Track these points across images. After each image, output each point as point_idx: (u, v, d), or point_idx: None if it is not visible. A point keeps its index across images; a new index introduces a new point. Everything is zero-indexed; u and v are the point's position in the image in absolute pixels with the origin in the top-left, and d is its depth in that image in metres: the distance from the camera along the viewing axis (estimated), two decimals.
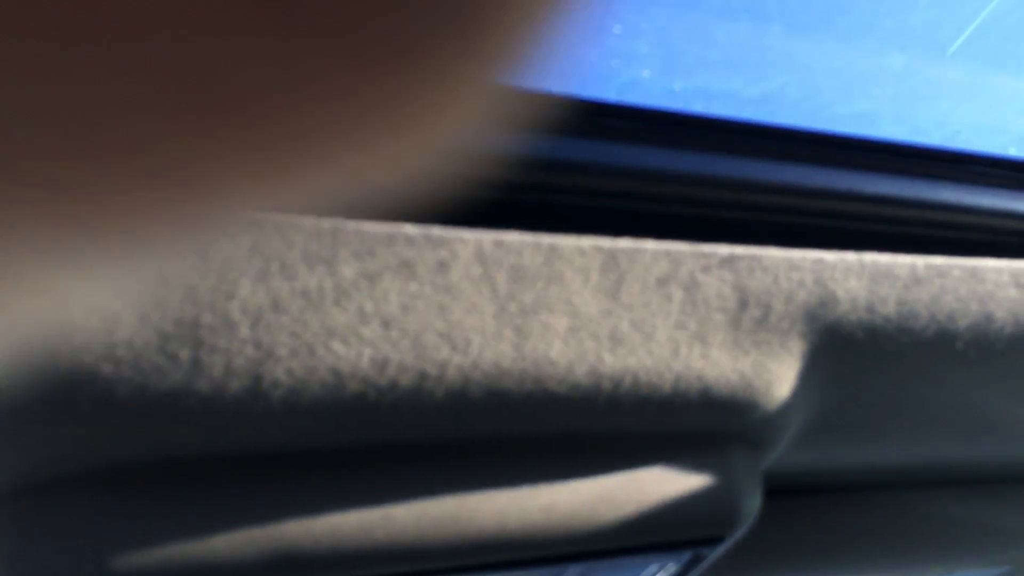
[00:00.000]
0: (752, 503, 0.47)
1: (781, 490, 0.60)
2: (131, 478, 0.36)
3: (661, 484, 0.45)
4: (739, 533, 0.47)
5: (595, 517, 0.43)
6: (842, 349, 0.47)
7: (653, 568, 0.48)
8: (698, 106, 0.47)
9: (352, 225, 0.36)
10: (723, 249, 0.44)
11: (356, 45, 0.07)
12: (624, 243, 0.42)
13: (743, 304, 0.44)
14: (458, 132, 0.09)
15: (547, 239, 0.40)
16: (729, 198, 0.47)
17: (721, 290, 0.44)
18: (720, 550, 0.48)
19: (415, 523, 0.39)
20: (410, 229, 0.37)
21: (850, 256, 0.47)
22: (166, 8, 0.07)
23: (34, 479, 0.36)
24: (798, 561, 0.66)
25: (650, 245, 0.42)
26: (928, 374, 0.51)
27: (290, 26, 0.07)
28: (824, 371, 0.48)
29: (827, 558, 0.66)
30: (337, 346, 0.36)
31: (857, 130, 0.52)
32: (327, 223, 0.36)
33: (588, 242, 0.41)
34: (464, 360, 0.38)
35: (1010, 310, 0.51)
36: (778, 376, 0.45)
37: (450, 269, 0.38)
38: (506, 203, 0.42)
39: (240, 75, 0.08)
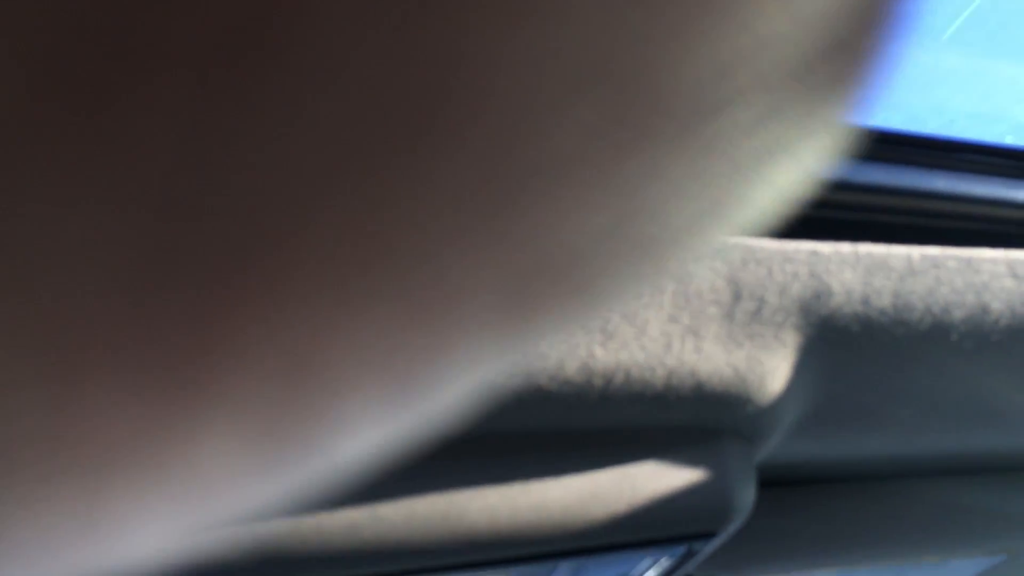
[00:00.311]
0: (746, 497, 0.47)
1: (776, 481, 0.59)
2: None
3: (654, 479, 0.44)
4: (733, 527, 0.47)
5: (586, 513, 0.43)
6: (837, 342, 0.47)
7: (646, 564, 0.48)
8: None
9: None
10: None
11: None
12: None
13: (736, 297, 0.44)
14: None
15: None
16: None
17: (714, 283, 0.43)
18: (714, 544, 0.47)
19: (404, 521, 0.38)
20: None
21: (845, 247, 0.46)
22: None
23: None
24: (793, 552, 0.66)
25: None
26: (924, 365, 0.50)
27: None
28: (819, 364, 0.47)
29: (822, 548, 0.66)
30: None
31: (851, 119, 0.51)
32: None
33: None
34: None
35: (1006, 300, 0.50)
36: (772, 369, 0.45)
37: None
38: None
39: None
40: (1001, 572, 0.77)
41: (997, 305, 0.50)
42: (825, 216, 0.49)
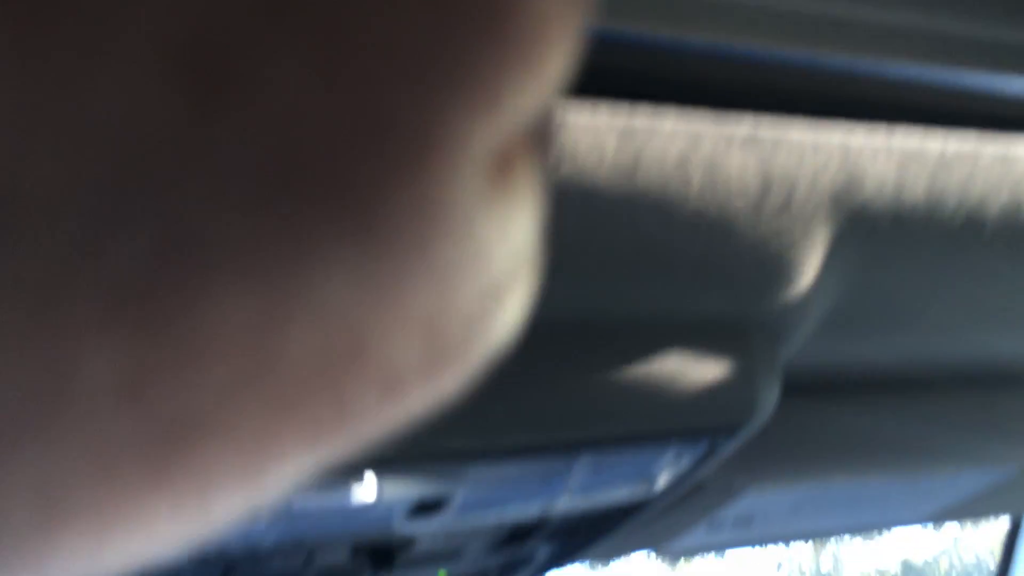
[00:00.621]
0: (770, 394, 0.46)
1: (796, 389, 0.58)
2: None
3: (678, 372, 0.43)
4: (756, 424, 0.46)
5: (608, 403, 0.42)
6: (867, 235, 0.45)
7: (666, 460, 0.47)
8: None
9: None
10: (745, 128, 0.41)
11: None
12: (642, 118, 0.39)
13: (766, 187, 0.42)
14: None
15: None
16: (754, 77, 0.44)
17: (743, 172, 0.41)
18: (736, 442, 0.47)
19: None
20: None
21: (878, 139, 0.44)
22: None
23: None
24: (810, 460, 0.65)
25: (668, 122, 0.40)
26: (955, 263, 0.49)
27: None
28: (848, 257, 0.46)
29: (839, 457, 0.66)
30: None
31: None
32: None
33: (604, 117, 0.38)
34: None
35: None
36: (801, 261, 0.43)
37: None
38: None
39: None
40: (1013, 483, 0.76)
41: None
42: (857, 106, 0.47)
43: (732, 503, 0.65)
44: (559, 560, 0.59)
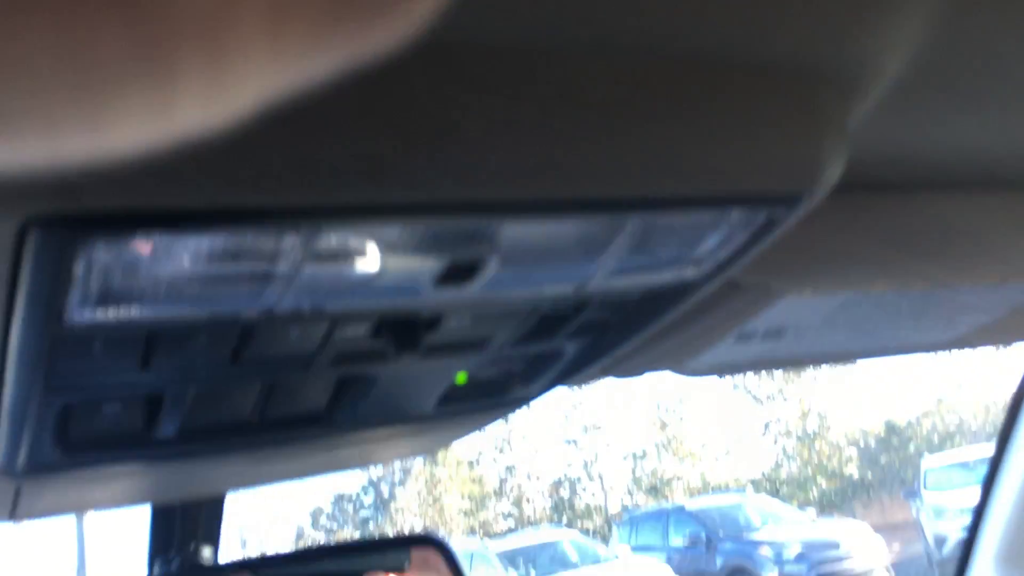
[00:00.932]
0: (836, 162, 0.41)
1: (844, 182, 0.54)
2: None
3: (738, 125, 0.38)
4: (819, 194, 0.42)
5: (660, 158, 0.37)
6: None
7: (718, 237, 0.43)
8: None
9: None
10: None
11: None
12: None
13: None
14: None
15: None
16: None
17: None
18: (796, 215, 0.42)
19: (450, 146, 0.32)
20: None
21: None
22: None
23: None
24: (852, 264, 0.61)
25: None
26: None
27: None
28: (930, 10, 0.40)
29: (884, 262, 0.62)
30: None
31: None
32: None
33: None
34: None
35: None
36: (879, 6, 0.38)
37: None
38: None
39: None
40: None
41: None
42: None
43: (766, 310, 0.62)
44: (586, 363, 0.56)
